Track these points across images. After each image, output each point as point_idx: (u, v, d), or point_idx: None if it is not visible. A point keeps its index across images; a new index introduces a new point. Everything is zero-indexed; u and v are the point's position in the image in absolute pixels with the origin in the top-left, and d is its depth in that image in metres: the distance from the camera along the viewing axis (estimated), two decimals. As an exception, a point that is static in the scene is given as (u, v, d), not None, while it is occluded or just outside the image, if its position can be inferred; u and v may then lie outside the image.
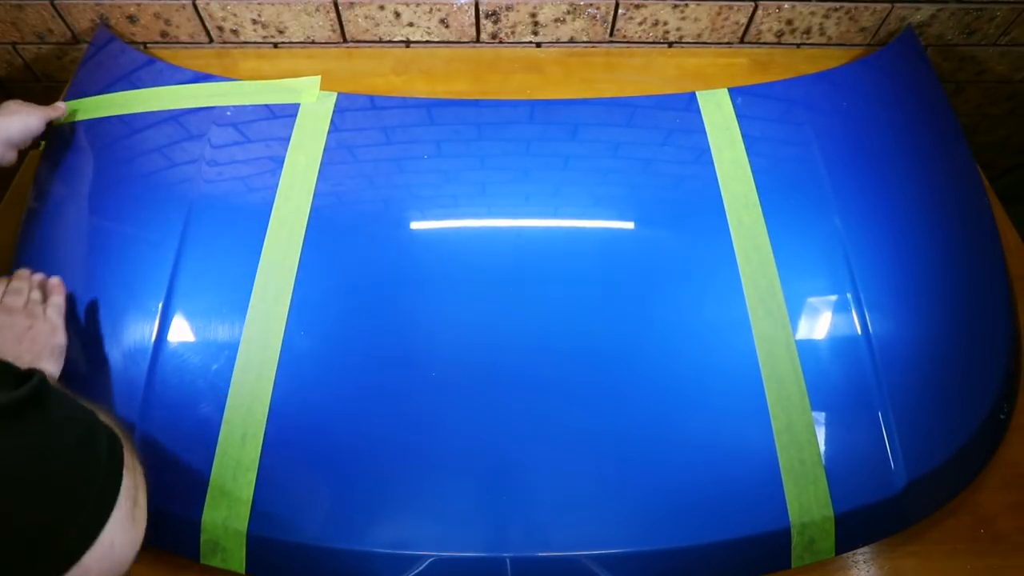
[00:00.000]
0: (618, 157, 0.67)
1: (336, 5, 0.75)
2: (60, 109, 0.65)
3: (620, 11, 0.76)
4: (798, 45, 0.82)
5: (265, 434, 0.50)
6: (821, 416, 0.52)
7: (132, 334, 0.54)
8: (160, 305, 0.55)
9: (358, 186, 0.65)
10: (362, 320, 0.56)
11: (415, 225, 0.62)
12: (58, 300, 0.53)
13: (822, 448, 0.50)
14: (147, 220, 0.60)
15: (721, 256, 0.59)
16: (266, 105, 0.69)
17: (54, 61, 0.83)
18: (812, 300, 0.57)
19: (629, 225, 0.62)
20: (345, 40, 0.80)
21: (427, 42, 0.80)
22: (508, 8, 0.76)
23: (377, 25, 0.78)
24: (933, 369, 0.54)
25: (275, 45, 0.80)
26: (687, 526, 0.48)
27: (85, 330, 0.55)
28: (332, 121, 0.68)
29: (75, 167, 0.64)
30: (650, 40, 0.81)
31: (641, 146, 0.68)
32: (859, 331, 0.55)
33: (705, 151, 0.66)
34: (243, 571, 0.47)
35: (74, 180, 0.63)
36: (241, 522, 0.47)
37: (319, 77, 0.73)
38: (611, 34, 0.80)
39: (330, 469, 0.50)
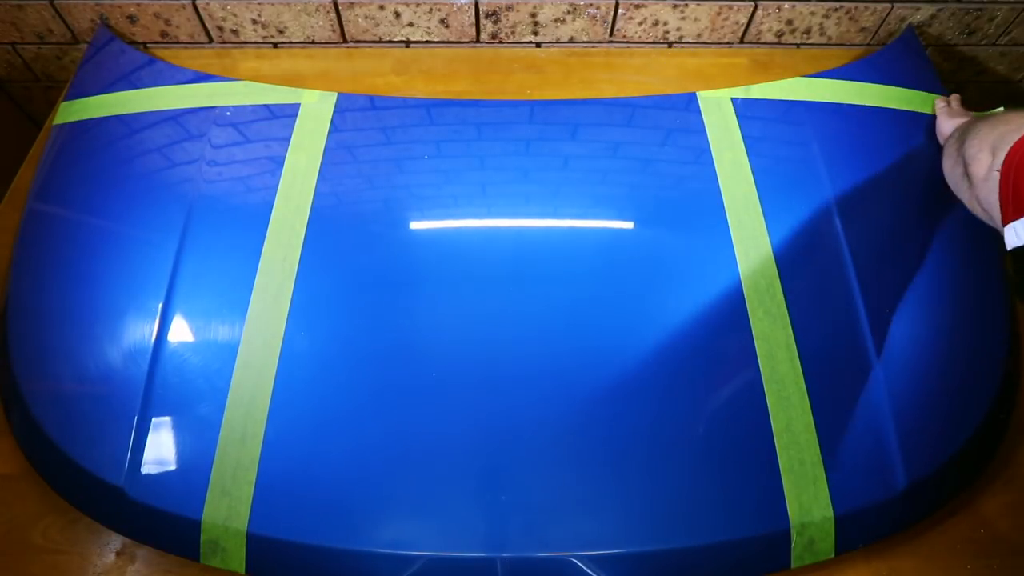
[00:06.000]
0: (618, 157, 0.67)
1: (336, 5, 0.75)
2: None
3: (620, 11, 0.76)
4: (798, 45, 0.82)
5: (265, 434, 0.50)
6: (821, 416, 0.52)
7: (132, 334, 0.54)
8: (160, 305, 0.55)
9: (358, 186, 0.65)
10: (362, 320, 0.56)
11: (415, 225, 0.62)
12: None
13: (822, 448, 0.50)
14: (147, 220, 0.60)
15: (721, 256, 0.59)
16: (266, 105, 0.69)
17: (54, 61, 0.83)
18: (812, 300, 0.57)
19: (629, 225, 0.62)
20: (345, 40, 0.80)
21: (427, 42, 0.80)
22: (508, 8, 0.76)
23: (377, 25, 0.78)
24: (933, 369, 0.54)
25: (275, 45, 0.80)
26: (686, 526, 0.48)
27: (85, 330, 0.55)
28: (332, 121, 0.68)
29: (75, 167, 0.64)
30: (650, 40, 0.81)
31: (641, 146, 0.68)
32: (859, 331, 0.55)
33: (705, 151, 0.66)
34: (243, 571, 0.47)
35: (74, 180, 0.63)
36: (241, 522, 0.47)
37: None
38: (611, 34, 0.80)
39: (330, 469, 0.50)
